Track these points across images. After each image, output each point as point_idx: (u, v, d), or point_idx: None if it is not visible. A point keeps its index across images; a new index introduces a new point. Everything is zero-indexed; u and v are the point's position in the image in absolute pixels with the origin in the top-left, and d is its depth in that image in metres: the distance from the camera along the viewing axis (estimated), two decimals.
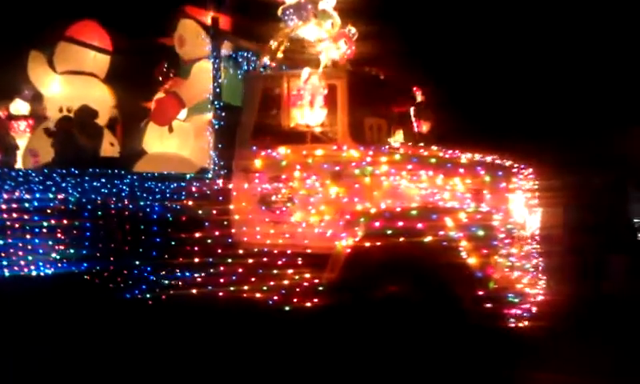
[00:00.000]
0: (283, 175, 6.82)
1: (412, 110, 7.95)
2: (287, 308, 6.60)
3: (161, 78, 9.53)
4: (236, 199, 7.00)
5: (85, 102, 9.17)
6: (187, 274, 7.07)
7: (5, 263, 8.03)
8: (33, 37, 9.79)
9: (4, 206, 8.07)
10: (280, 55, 7.37)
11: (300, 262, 6.64)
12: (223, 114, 7.09)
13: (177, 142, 7.88)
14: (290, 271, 6.63)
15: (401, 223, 6.10)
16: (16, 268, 7.97)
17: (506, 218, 6.06)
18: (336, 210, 6.53)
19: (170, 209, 7.18)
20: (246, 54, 7.55)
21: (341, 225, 6.47)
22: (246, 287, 6.78)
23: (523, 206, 6.36)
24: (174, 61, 9.10)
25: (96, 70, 9.68)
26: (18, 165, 9.63)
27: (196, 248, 7.01)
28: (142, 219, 7.33)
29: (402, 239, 6.05)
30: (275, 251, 6.77)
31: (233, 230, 6.97)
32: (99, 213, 7.57)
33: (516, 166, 6.46)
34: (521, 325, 5.93)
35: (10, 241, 7.99)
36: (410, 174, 6.34)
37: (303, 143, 6.75)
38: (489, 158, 6.55)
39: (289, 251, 6.71)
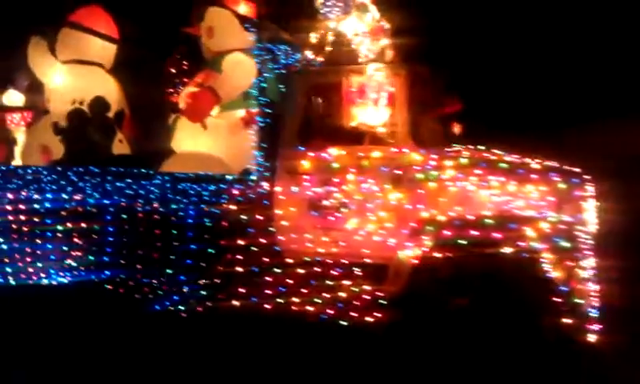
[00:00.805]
0: (336, 178, 6.32)
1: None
2: (344, 322, 6.11)
3: (174, 71, 8.91)
4: (282, 203, 6.46)
5: (90, 94, 8.49)
6: (227, 284, 6.49)
7: (13, 271, 7.31)
8: (33, 22, 8.96)
9: (10, 207, 7.34)
10: (328, 49, 6.85)
11: (355, 273, 6.16)
12: (269, 110, 6.53)
13: (210, 140, 7.25)
14: (345, 282, 6.15)
15: (475, 232, 5.68)
16: (26, 276, 7.25)
17: (583, 227, 5.73)
18: (397, 217, 6.07)
19: (208, 213, 6.59)
20: (283, 47, 6.99)
21: (404, 233, 6.01)
22: (295, 299, 6.26)
23: (593, 214, 6.04)
24: (191, 52, 8.48)
25: (101, 59, 8.92)
26: (17, 161, 8.86)
27: (237, 256, 6.45)
28: (175, 224, 6.71)
29: (476, 250, 5.63)
30: (327, 260, 6.28)
31: (278, 237, 6.43)
32: (124, 216, 6.92)
33: (584, 173, 6.13)
34: (599, 339, 5.61)
35: (19, 246, 7.27)
36: (479, 179, 5.93)
37: (355, 143, 6.29)
38: (555, 164, 6.20)
39: (343, 261, 6.22)
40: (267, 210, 6.46)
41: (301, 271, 6.29)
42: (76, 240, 7.10)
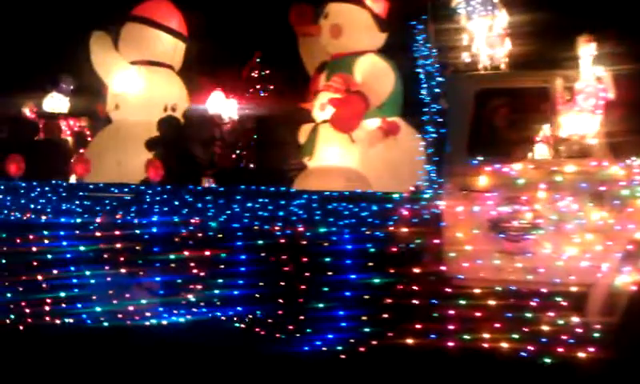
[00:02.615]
0: (523, 196, 5.58)
1: None
2: (548, 360, 5.37)
3: (256, 74, 7.94)
4: (459, 225, 5.66)
5: (169, 100, 7.41)
6: (399, 319, 5.61)
7: (107, 310, 6.13)
8: (92, 15, 7.69)
9: (98, 233, 6.16)
10: (488, 52, 6.12)
11: (557, 303, 5.44)
12: (440, 119, 5.73)
13: (354, 153, 6.30)
14: (547, 314, 5.42)
15: None
16: (124, 316, 6.09)
17: None
18: (604, 239, 5.40)
19: (371, 237, 5.68)
20: (435, 48, 6.22)
21: (616, 257, 5.35)
22: (485, 335, 5.47)
23: None
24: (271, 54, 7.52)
25: (172, 60, 7.81)
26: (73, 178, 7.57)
27: (411, 286, 5.59)
28: (327, 250, 5.75)
29: None
30: (520, 289, 5.52)
31: (460, 263, 5.61)
32: (258, 242, 5.90)
33: None
34: None
35: (119, 280, 6.11)
36: None
37: (538, 155, 5.61)
38: None
39: (540, 289, 5.48)
40: (443, 232, 5.63)
41: (491, 302, 5.49)
42: (195, 271, 6.02)
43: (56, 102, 8.06)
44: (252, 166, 7.21)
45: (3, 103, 7.72)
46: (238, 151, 7.38)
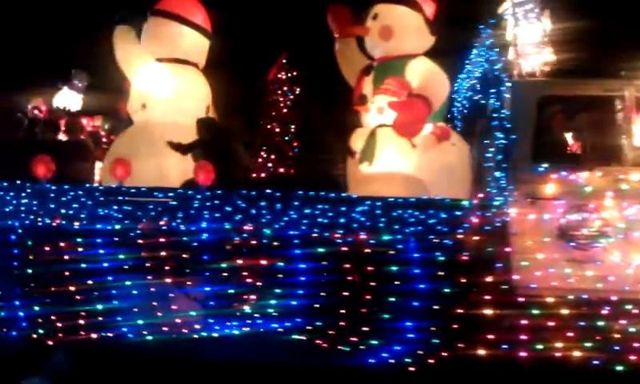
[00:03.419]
0: (591, 204, 5.57)
1: None
2: (619, 368, 5.36)
3: (282, 75, 7.67)
4: (524, 233, 5.60)
5: (193, 98, 7.06)
6: (470, 330, 5.49)
7: (149, 322, 5.77)
8: (111, 8, 7.21)
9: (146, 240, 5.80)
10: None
11: (622, 310, 5.45)
12: (508, 126, 5.65)
13: (414, 159, 6.11)
14: (615, 322, 5.42)
15: None
16: (182, 329, 5.75)
17: None
18: None
19: (439, 245, 5.54)
20: (493, 55, 6.14)
21: None
22: (558, 344, 5.42)
23: None
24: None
25: (197, 58, 7.42)
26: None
27: (483, 296, 5.48)
28: (393, 259, 5.57)
29: None
30: (591, 298, 5.50)
31: (533, 272, 5.54)
32: (318, 250, 5.66)
33: None
34: None
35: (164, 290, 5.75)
36: None
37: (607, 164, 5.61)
38: None
39: (609, 297, 5.48)
40: (513, 240, 5.55)
41: (562, 311, 5.45)
42: (249, 280, 5.73)
43: (67, 99, 7.52)
44: (291, 170, 6.89)
45: (15, 100, 7.14)
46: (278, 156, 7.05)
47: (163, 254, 5.78)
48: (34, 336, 5.93)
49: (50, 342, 5.91)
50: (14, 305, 5.94)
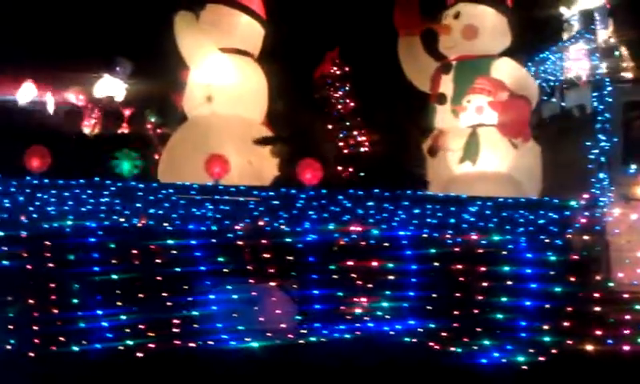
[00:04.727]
0: None
1: None
2: None
3: (334, 70, 7.51)
4: (626, 232, 5.79)
5: (249, 90, 6.79)
6: (580, 327, 5.61)
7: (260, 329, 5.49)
8: None
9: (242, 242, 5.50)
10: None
11: None
12: (610, 129, 5.82)
13: (511, 159, 6.13)
14: None
15: None
16: (288, 334, 5.50)
17: None
18: None
19: (550, 245, 5.62)
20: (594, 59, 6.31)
21: None
22: None
23: None
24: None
25: (254, 48, 7.11)
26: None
27: (593, 294, 5.63)
28: (505, 259, 5.60)
29: None
30: None
31: (626, 270, 5.74)
32: (430, 250, 5.60)
33: None
34: None
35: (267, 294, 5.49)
36: None
37: None
38: None
39: None
40: (616, 240, 5.74)
41: None
42: (359, 282, 5.58)
43: (111, 88, 6.93)
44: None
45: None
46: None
47: (267, 256, 5.51)
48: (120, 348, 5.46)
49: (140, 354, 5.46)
50: (96, 315, 5.45)
